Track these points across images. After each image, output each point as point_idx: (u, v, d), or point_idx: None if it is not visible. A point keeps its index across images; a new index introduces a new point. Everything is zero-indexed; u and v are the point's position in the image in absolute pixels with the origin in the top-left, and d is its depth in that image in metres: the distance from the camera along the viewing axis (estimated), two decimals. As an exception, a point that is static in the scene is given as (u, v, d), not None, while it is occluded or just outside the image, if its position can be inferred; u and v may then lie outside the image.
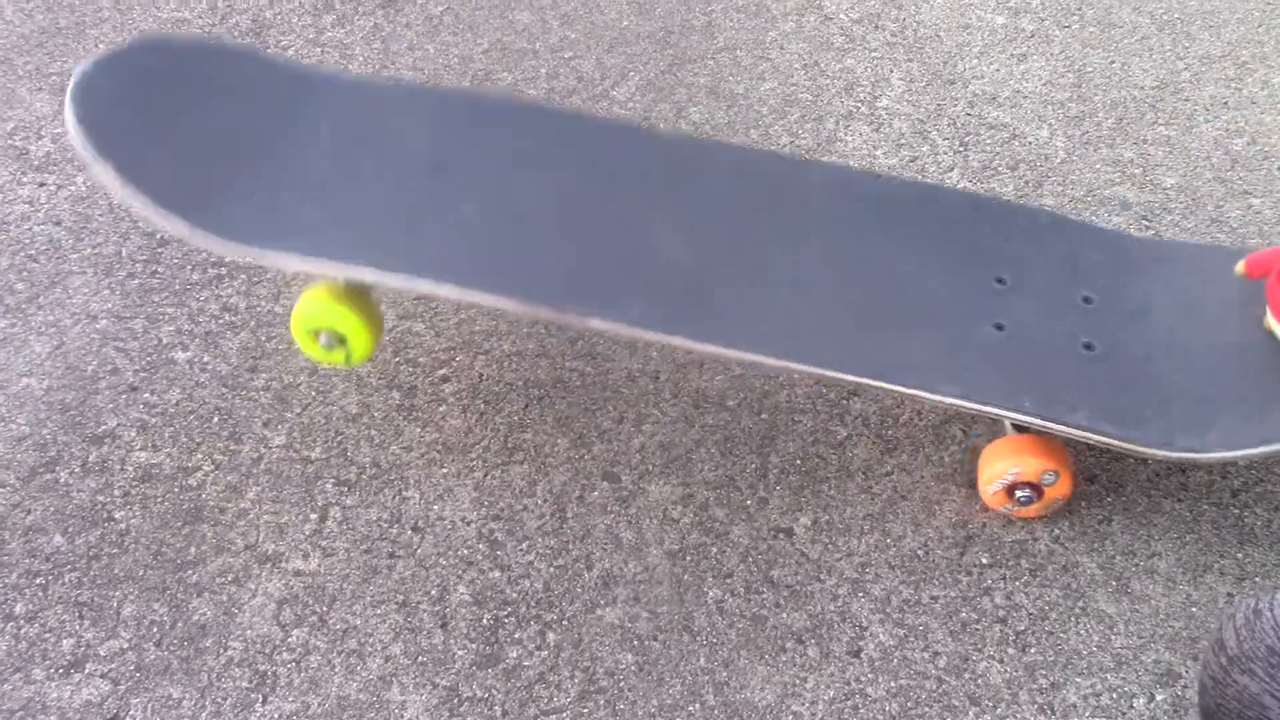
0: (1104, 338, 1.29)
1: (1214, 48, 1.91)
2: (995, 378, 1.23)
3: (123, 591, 1.26)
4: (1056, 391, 1.22)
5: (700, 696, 1.17)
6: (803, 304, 1.28)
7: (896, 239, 1.37)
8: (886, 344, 1.25)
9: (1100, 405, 1.21)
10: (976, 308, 1.30)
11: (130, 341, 1.51)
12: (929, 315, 1.29)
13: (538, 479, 1.35)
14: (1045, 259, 1.37)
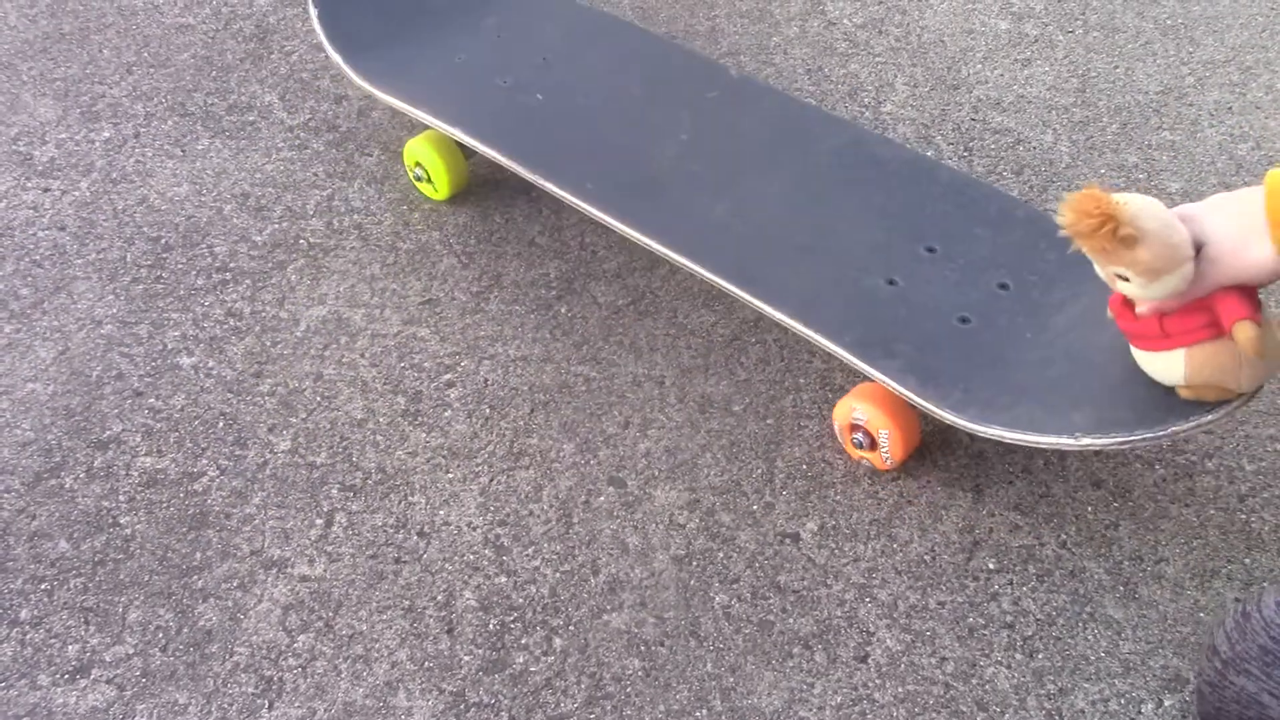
0: (988, 318, 1.32)
1: (1218, 53, 1.91)
2: (847, 316, 1.31)
3: (128, 597, 1.26)
4: (888, 342, 1.29)
5: (707, 702, 1.17)
6: (738, 223, 1.43)
7: (858, 191, 1.47)
8: (776, 271, 1.37)
9: (920, 363, 1.27)
10: (885, 264, 1.38)
11: (135, 347, 1.51)
12: (838, 258, 1.38)
13: (543, 484, 1.35)
14: (987, 242, 1.41)
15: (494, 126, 1.56)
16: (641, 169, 1.50)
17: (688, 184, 1.48)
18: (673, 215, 1.43)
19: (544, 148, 1.53)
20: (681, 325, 1.52)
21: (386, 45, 1.68)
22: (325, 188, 1.73)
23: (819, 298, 1.33)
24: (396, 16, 1.73)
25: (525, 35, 1.73)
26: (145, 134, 1.82)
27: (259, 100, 1.89)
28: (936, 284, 1.36)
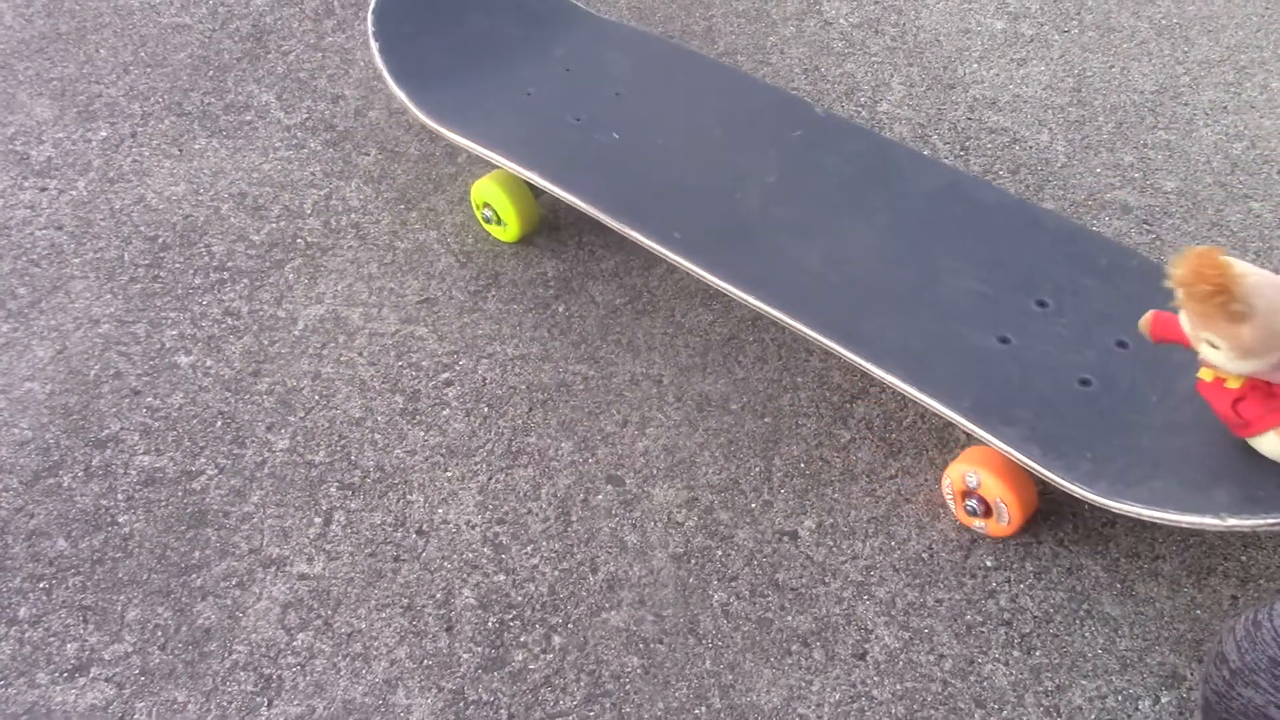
0: (1109, 379, 1.26)
1: (1213, 52, 1.92)
2: (965, 383, 1.24)
3: (127, 595, 1.26)
4: (1005, 407, 1.21)
5: (706, 699, 1.17)
6: (832, 273, 1.37)
7: (957, 238, 1.40)
8: (878, 326, 1.30)
9: (1042, 430, 1.20)
10: (996, 320, 1.31)
11: (133, 346, 1.51)
12: (944, 312, 1.31)
13: (542, 482, 1.35)
14: (1100, 295, 1.34)
15: (571, 169, 1.50)
16: (728, 214, 1.43)
17: (777, 230, 1.41)
18: (765, 264, 1.37)
19: (625, 192, 1.47)
20: (679, 324, 1.52)
21: (452, 79, 1.64)
22: (322, 187, 1.73)
23: (927, 356, 1.27)
24: (461, 48, 1.68)
25: (595, 67, 1.67)
26: (142, 133, 1.82)
27: (256, 100, 1.89)
28: (1051, 341, 1.29)
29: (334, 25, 2.02)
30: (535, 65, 1.66)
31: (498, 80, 1.64)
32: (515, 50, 1.68)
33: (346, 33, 2.00)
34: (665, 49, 1.70)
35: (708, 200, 1.44)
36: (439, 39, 1.66)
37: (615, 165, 1.50)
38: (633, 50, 1.69)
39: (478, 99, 1.60)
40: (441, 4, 1.69)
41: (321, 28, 2.02)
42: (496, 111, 1.59)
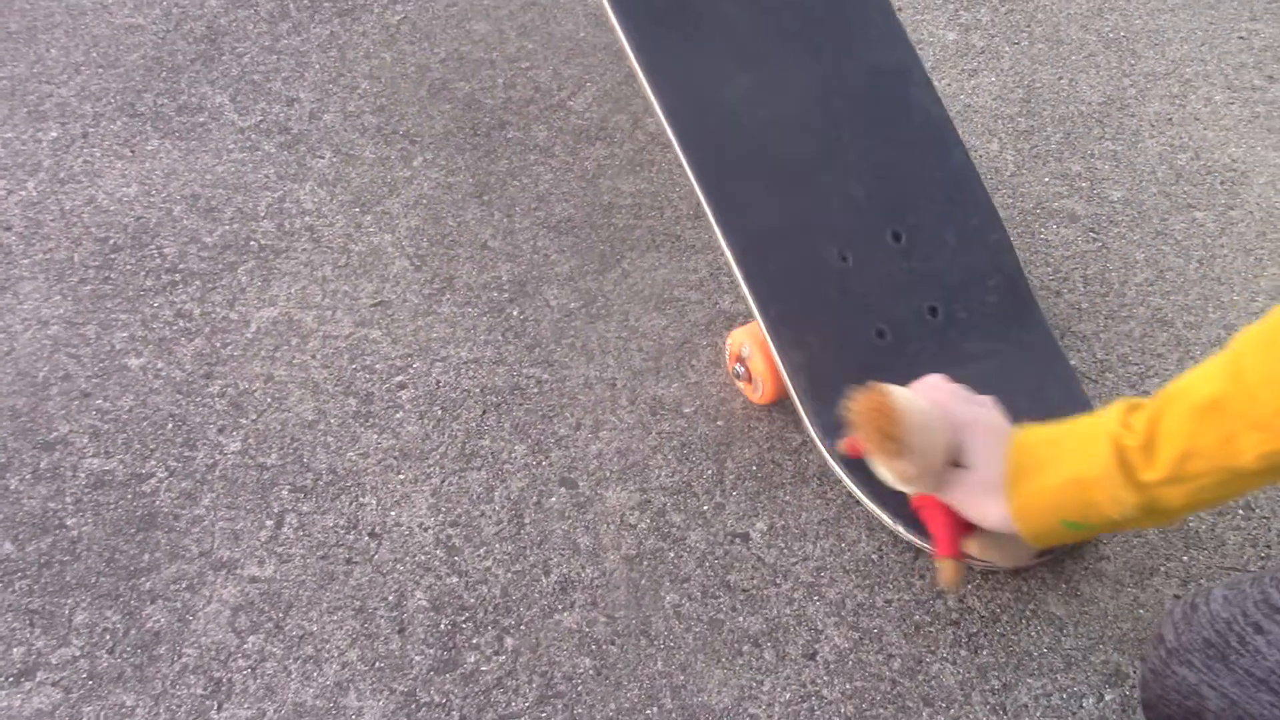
0: (903, 340, 1.33)
1: (1159, 65, 1.96)
2: (784, 280, 1.31)
3: (74, 599, 1.25)
4: (802, 332, 1.30)
5: (658, 700, 1.17)
6: (745, 110, 1.36)
7: (870, 126, 1.41)
8: (754, 197, 1.34)
9: (818, 368, 1.29)
10: (851, 235, 1.36)
11: (82, 348, 1.50)
12: (808, 209, 1.35)
13: (495, 485, 1.36)
14: (948, 254, 1.39)
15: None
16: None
17: (719, 37, 1.38)
18: (688, 75, 1.35)
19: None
20: (633, 328, 1.53)
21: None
22: (276, 189, 1.73)
23: (768, 245, 1.31)
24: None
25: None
26: (94, 134, 1.81)
27: (210, 101, 1.88)
28: (880, 282, 1.34)
29: (289, 28, 2.01)
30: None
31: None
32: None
33: (302, 35, 2.00)
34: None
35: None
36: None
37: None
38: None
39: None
40: None
41: (277, 30, 2.01)
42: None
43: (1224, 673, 0.96)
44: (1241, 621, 0.96)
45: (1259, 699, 0.94)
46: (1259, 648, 0.94)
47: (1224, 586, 1.00)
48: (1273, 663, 0.93)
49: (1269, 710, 0.94)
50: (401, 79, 1.91)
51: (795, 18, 1.43)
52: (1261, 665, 0.94)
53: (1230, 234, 1.65)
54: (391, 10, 2.06)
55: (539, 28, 2.02)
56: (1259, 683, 0.94)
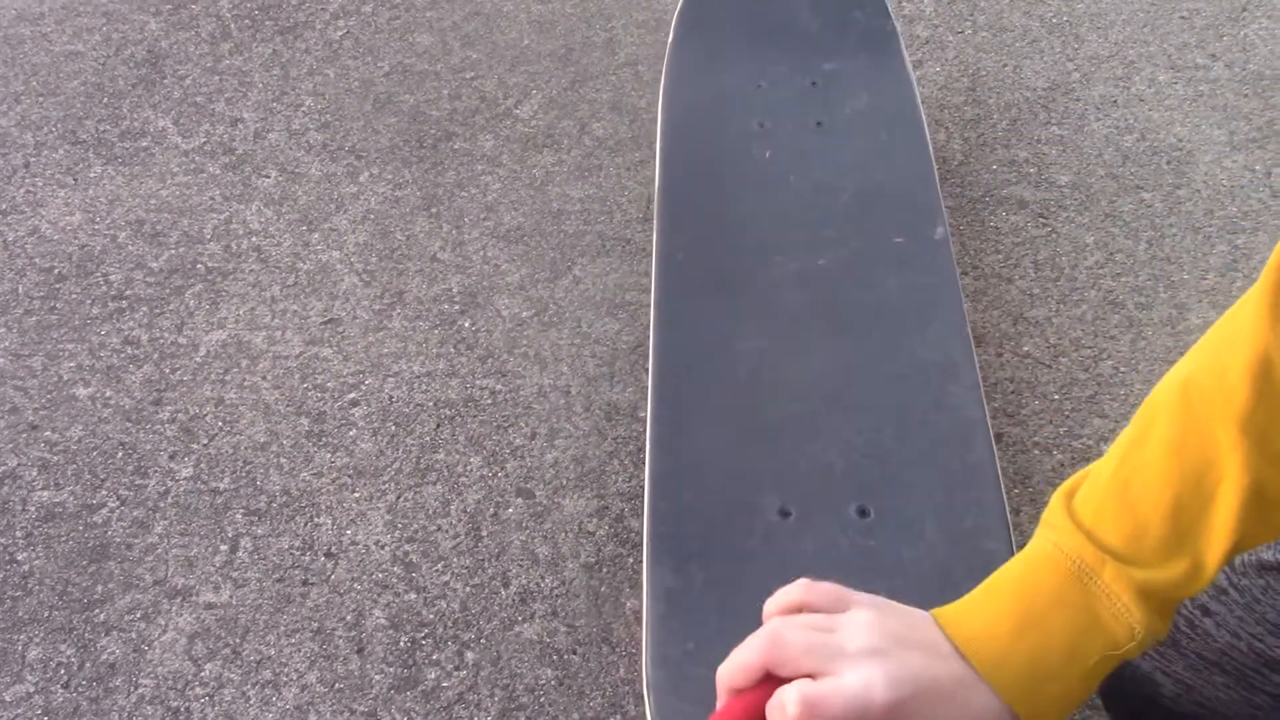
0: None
1: (1102, 48, 1.96)
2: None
3: (28, 634, 1.23)
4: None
5: (621, 708, 1.17)
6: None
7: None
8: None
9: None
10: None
11: (29, 379, 1.48)
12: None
13: (451, 499, 1.35)
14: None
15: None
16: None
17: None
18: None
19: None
20: (586, 335, 1.52)
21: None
22: (222, 211, 1.71)
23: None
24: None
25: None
26: (35, 163, 1.79)
27: (152, 125, 1.86)
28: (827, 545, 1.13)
29: (231, 48, 2.00)
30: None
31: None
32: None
33: (244, 55, 1.98)
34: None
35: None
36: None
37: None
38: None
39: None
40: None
41: (218, 51, 1.99)
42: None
43: (1176, 658, 0.95)
44: (1189, 605, 0.95)
45: (1213, 681, 0.94)
46: (1208, 630, 0.93)
47: None
48: (1223, 644, 0.93)
49: (1224, 691, 0.93)
50: (346, 94, 1.90)
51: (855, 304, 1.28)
52: (1212, 647, 0.93)
53: (1178, 213, 1.66)
54: (334, 26, 2.04)
55: (483, 37, 2.01)
56: (1211, 665, 0.94)
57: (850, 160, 1.38)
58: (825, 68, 1.51)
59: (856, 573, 1.06)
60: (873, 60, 1.57)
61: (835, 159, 1.38)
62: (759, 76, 1.49)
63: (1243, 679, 0.93)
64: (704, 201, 1.33)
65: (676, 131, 1.40)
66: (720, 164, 1.37)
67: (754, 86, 1.47)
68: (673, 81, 1.47)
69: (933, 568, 1.13)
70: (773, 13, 1.58)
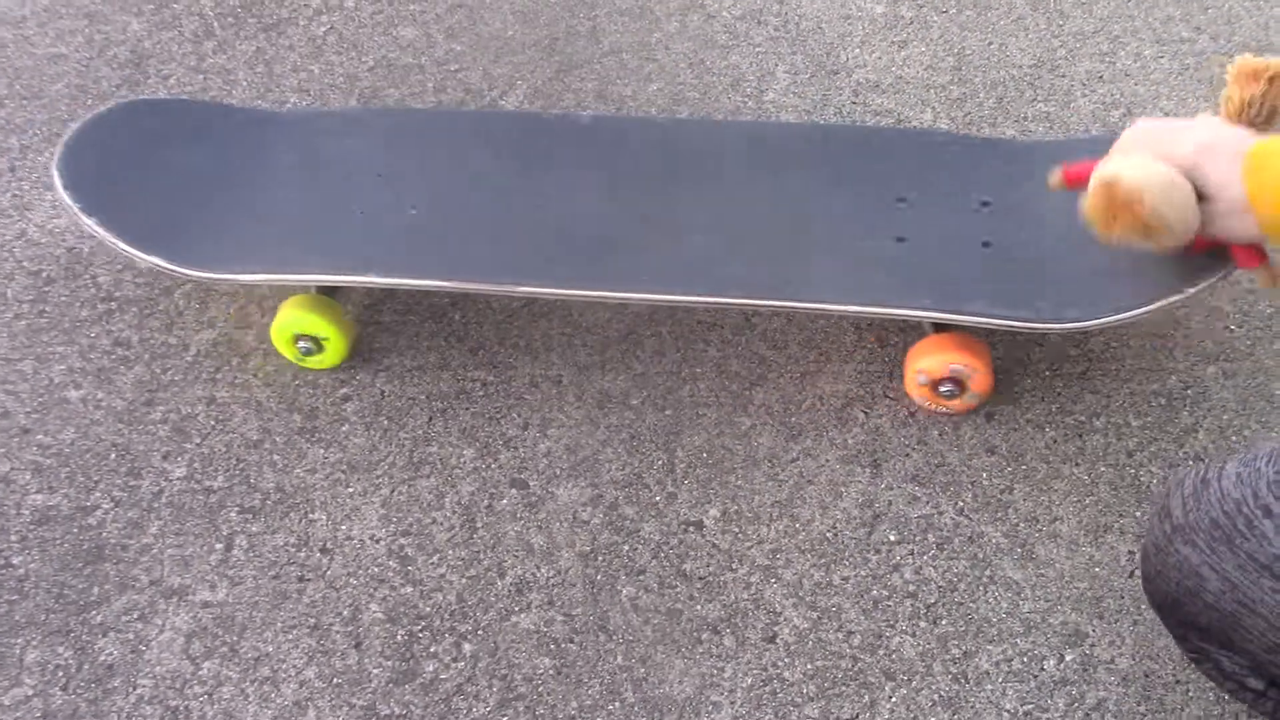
0: (1001, 234, 1.36)
1: (1087, 24, 1.96)
2: (896, 284, 1.31)
3: (24, 638, 1.23)
4: (954, 287, 1.30)
5: (619, 694, 1.17)
6: (713, 245, 1.37)
7: (800, 179, 1.46)
8: (792, 270, 1.33)
9: (995, 293, 1.29)
10: (877, 225, 1.39)
11: (20, 384, 1.48)
12: (831, 239, 1.37)
13: (445, 491, 1.35)
14: (943, 174, 1.45)
15: (395, 258, 1.37)
16: (591, 238, 1.38)
17: (642, 234, 1.39)
18: (649, 267, 1.35)
19: (476, 257, 1.37)
20: (576, 324, 1.52)
21: (193, 225, 1.43)
22: (209, 210, 1.71)
23: (856, 279, 1.32)
24: (179, 192, 1.47)
25: (330, 158, 1.52)
26: (21, 167, 1.79)
27: (137, 126, 1.86)
28: (933, 224, 1.37)
29: (214, 46, 1.99)
30: (270, 182, 1.49)
31: (242, 209, 1.46)
32: (235, 175, 1.50)
33: (228, 53, 1.98)
34: (386, 117, 1.62)
35: (552, 233, 1.39)
36: (150, 189, 1.47)
37: (439, 236, 1.39)
38: (355, 130, 1.56)
39: (237, 235, 1.42)
40: (127, 149, 1.51)
41: (202, 49, 1.99)
42: (269, 237, 1.41)
43: (1227, 555, 0.93)
44: (1251, 503, 0.92)
45: (1260, 584, 0.92)
46: (1265, 532, 0.91)
47: (1238, 462, 0.96)
48: (1278, 548, 0.90)
49: (1270, 595, 0.91)
50: (331, 90, 1.90)
51: (676, 170, 1.51)
52: (1266, 551, 0.91)
53: (1166, 187, 1.66)
54: (317, 22, 2.04)
55: (467, 29, 2.00)
56: (1262, 568, 0.91)
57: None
58: None
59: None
60: None
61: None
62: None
63: None
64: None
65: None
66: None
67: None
68: None
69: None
70: None
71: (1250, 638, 0.95)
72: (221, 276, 1.37)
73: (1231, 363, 1.43)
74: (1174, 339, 1.46)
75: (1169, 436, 1.37)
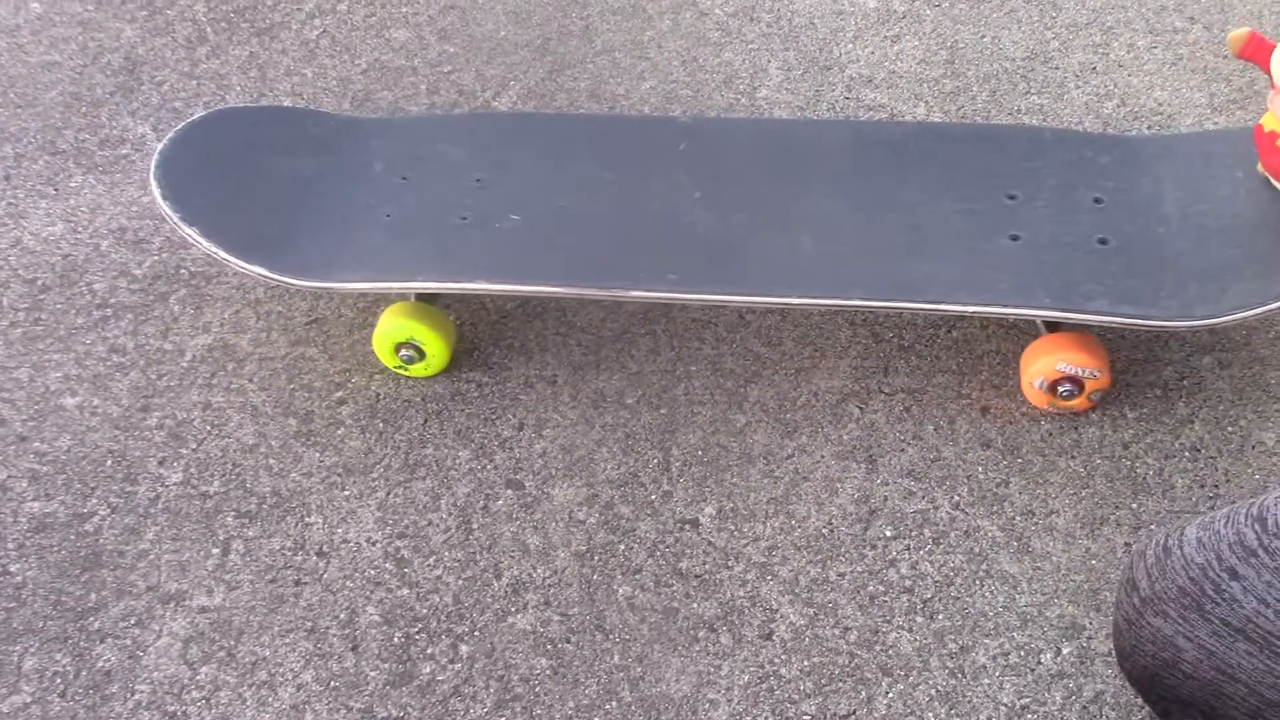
0: (1117, 231, 1.36)
1: (1080, 15, 1.96)
2: (1014, 283, 1.31)
3: (23, 645, 1.23)
4: (1074, 285, 1.30)
5: (616, 694, 1.17)
6: (824, 247, 1.37)
7: (908, 177, 1.45)
8: (907, 270, 1.33)
9: (1118, 291, 1.29)
10: (990, 224, 1.38)
11: (16, 391, 1.48)
12: (945, 239, 1.37)
13: (441, 493, 1.35)
14: (1052, 170, 1.44)
15: (502, 264, 1.37)
16: (693, 241, 1.38)
17: (750, 233, 1.39)
18: (766, 267, 1.35)
19: (577, 261, 1.37)
20: (571, 324, 1.52)
21: (295, 234, 1.43)
22: (204, 215, 1.71)
23: (971, 276, 1.32)
24: (277, 199, 1.48)
25: (431, 166, 1.52)
26: (16, 175, 1.79)
27: (131, 133, 1.86)
28: (1047, 222, 1.37)
29: (208, 52, 1.99)
30: (366, 187, 1.49)
31: (339, 216, 1.46)
32: (330, 182, 1.51)
33: (221, 58, 1.98)
34: (480, 121, 1.62)
35: (661, 235, 1.39)
36: (247, 196, 1.47)
37: (544, 241, 1.40)
38: (450, 135, 1.57)
39: (337, 243, 1.42)
40: (222, 157, 1.52)
41: (195, 55, 1.99)
42: (370, 244, 1.41)
43: (1200, 623, 0.91)
44: (1216, 567, 0.91)
45: (1237, 649, 0.90)
46: (1235, 595, 0.89)
47: (1198, 526, 0.95)
48: (1249, 610, 0.88)
49: (1247, 660, 0.89)
50: (324, 94, 1.90)
51: (777, 172, 1.51)
52: (1238, 614, 0.89)
53: (1160, 178, 1.66)
54: (310, 25, 2.04)
55: (459, 30, 2.00)
56: (1236, 632, 0.89)
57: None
58: None
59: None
60: None
61: None
62: None
63: (1268, 647, 0.88)
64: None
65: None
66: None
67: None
68: None
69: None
70: None
71: (1233, 704, 0.92)
72: (325, 285, 1.36)
73: (1227, 353, 1.43)
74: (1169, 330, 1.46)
75: (1165, 428, 1.37)
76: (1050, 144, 1.48)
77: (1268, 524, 0.90)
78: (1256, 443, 1.35)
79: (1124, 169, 1.43)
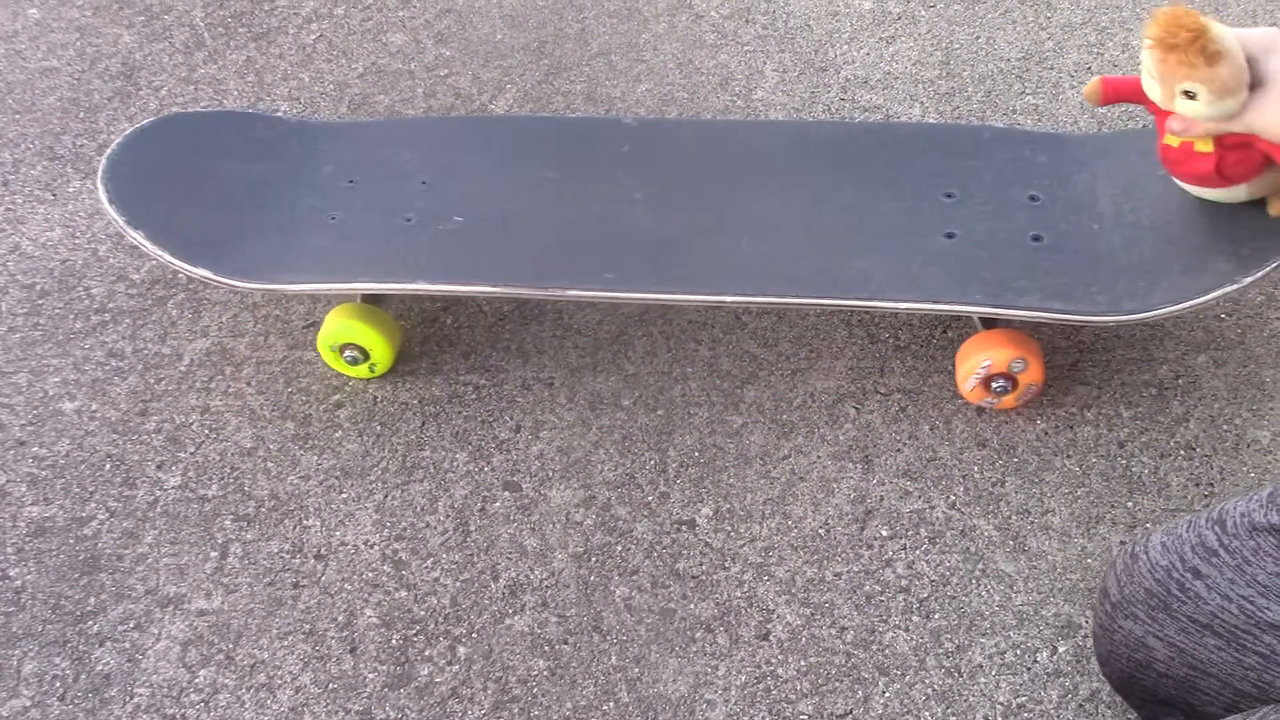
0: (1051, 229, 1.37)
1: (1074, 15, 1.96)
2: (948, 279, 1.31)
3: (22, 649, 1.24)
4: (1007, 282, 1.31)
5: (614, 695, 1.17)
6: (763, 245, 1.37)
7: (851, 176, 1.46)
8: (844, 267, 1.34)
9: (1048, 287, 1.30)
10: (927, 222, 1.39)
11: (15, 396, 1.48)
12: (884, 237, 1.38)
13: (438, 495, 1.35)
14: (991, 169, 1.45)
15: (446, 264, 1.37)
16: (641, 240, 1.39)
17: (691, 232, 1.39)
18: (707, 265, 1.35)
19: (520, 261, 1.37)
20: (567, 326, 1.52)
21: (239, 236, 1.43)
22: (201, 220, 1.71)
23: (905, 273, 1.32)
24: (221, 202, 1.48)
25: (377, 169, 1.52)
26: (14, 181, 1.79)
27: (129, 138, 1.86)
28: (983, 220, 1.38)
29: (205, 57, 2.00)
30: (314, 191, 1.49)
31: (285, 218, 1.46)
32: (278, 185, 1.51)
33: (218, 63, 1.98)
34: (431, 125, 1.61)
35: (601, 235, 1.40)
36: (194, 200, 1.47)
37: (484, 242, 1.40)
38: (400, 139, 1.57)
39: (283, 245, 1.42)
40: (170, 162, 1.52)
41: (192, 60, 2.00)
42: (315, 247, 1.42)
43: (1168, 622, 0.96)
44: (1180, 568, 0.96)
45: (1205, 644, 0.94)
46: (1199, 593, 0.94)
47: (1162, 532, 1.00)
48: (1214, 606, 0.93)
49: (1216, 654, 0.94)
50: (321, 98, 1.90)
51: (721, 172, 1.51)
52: (1203, 610, 0.94)
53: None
54: (307, 30, 2.04)
55: (456, 34, 2.01)
56: (1203, 628, 0.94)
57: None
58: None
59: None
60: None
61: None
62: None
63: (1234, 640, 0.94)
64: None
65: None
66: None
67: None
68: None
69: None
70: None
71: (1208, 699, 0.97)
72: (269, 287, 1.37)
73: (1222, 351, 1.44)
74: (1164, 328, 1.46)
75: (1160, 426, 1.37)
76: (989, 143, 1.49)
77: (1227, 526, 0.95)
78: (1251, 441, 1.35)
79: (1062, 167, 1.44)
